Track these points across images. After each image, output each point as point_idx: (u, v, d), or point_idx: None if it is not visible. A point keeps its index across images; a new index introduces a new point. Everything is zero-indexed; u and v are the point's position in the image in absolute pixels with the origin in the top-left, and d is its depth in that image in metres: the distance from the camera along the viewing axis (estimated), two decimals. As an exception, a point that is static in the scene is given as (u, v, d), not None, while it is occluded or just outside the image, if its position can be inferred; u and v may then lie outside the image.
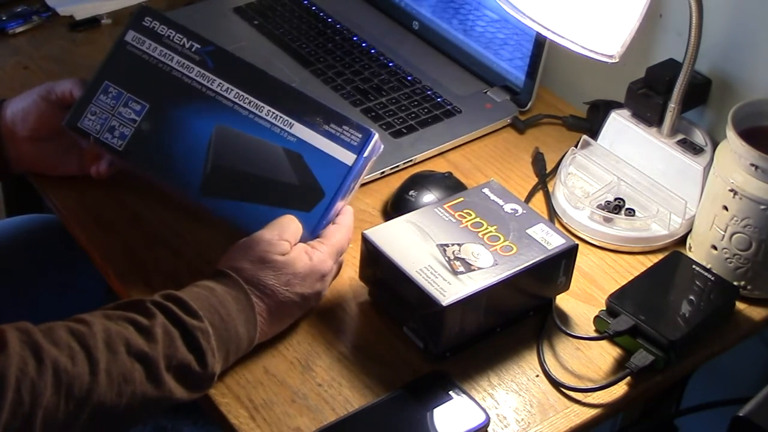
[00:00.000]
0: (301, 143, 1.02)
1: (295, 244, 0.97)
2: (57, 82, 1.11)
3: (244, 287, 0.93)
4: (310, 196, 1.01)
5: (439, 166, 1.21)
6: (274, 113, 1.03)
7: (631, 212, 1.13)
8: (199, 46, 1.06)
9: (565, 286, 1.03)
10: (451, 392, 0.94)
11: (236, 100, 1.04)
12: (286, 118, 1.02)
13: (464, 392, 0.94)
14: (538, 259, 0.98)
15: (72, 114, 1.08)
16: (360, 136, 1.01)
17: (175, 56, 1.06)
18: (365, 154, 1.01)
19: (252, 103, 1.03)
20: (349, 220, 1.02)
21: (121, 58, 1.08)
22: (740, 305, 1.06)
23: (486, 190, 1.05)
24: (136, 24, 1.08)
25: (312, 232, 1.00)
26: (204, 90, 1.05)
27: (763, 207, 1.00)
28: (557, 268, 1.00)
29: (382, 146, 1.04)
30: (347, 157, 1.01)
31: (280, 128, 1.02)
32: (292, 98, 1.04)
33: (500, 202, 1.04)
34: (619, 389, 0.96)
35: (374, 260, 0.99)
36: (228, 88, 1.04)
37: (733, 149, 1.01)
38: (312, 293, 0.97)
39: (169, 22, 1.08)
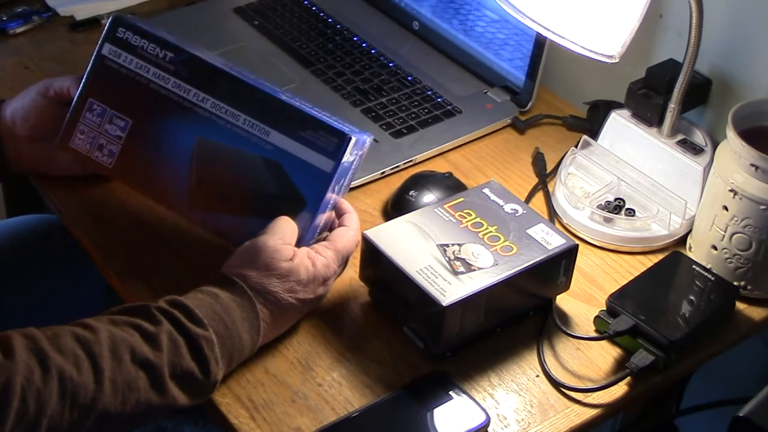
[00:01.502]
0: (279, 151, 1.00)
1: (296, 247, 0.97)
2: (55, 78, 1.11)
3: (249, 294, 0.93)
4: (292, 206, 0.99)
5: (440, 166, 1.21)
6: (250, 122, 1.01)
7: (631, 212, 1.13)
8: (173, 56, 1.05)
9: (565, 286, 1.03)
10: (451, 392, 0.94)
11: (213, 110, 1.03)
12: (263, 126, 1.01)
13: (464, 392, 0.94)
14: (538, 259, 0.98)
15: (63, 133, 1.08)
16: (336, 140, 0.99)
17: (151, 68, 1.05)
18: (343, 159, 0.99)
19: (228, 113, 1.02)
20: (356, 223, 1.02)
21: (100, 72, 1.07)
22: (740, 305, 1.06)
23: (486, 190, 1.05)
24: (110, 36, 1.07)
25: (298, 242, 0.99)
26: (181, 102, 1.04)
27: (763, 207, 1.00)
28: (557, 268, 1.00)
29: (368, 140, 1.02)
30: (325, 164, 0.99)
31: (258, 137, 1.01)
32: (267, 104, 1.02)
33: (500, 202, 1.04)
34: (619, 389, 0.96)
35: (374, 260, 0.99)
36: (204, 98, 1.03)
37: (733, 149, 1.01)
38: (314, 298, 0.97)
39: (142, 32, 1.06)
